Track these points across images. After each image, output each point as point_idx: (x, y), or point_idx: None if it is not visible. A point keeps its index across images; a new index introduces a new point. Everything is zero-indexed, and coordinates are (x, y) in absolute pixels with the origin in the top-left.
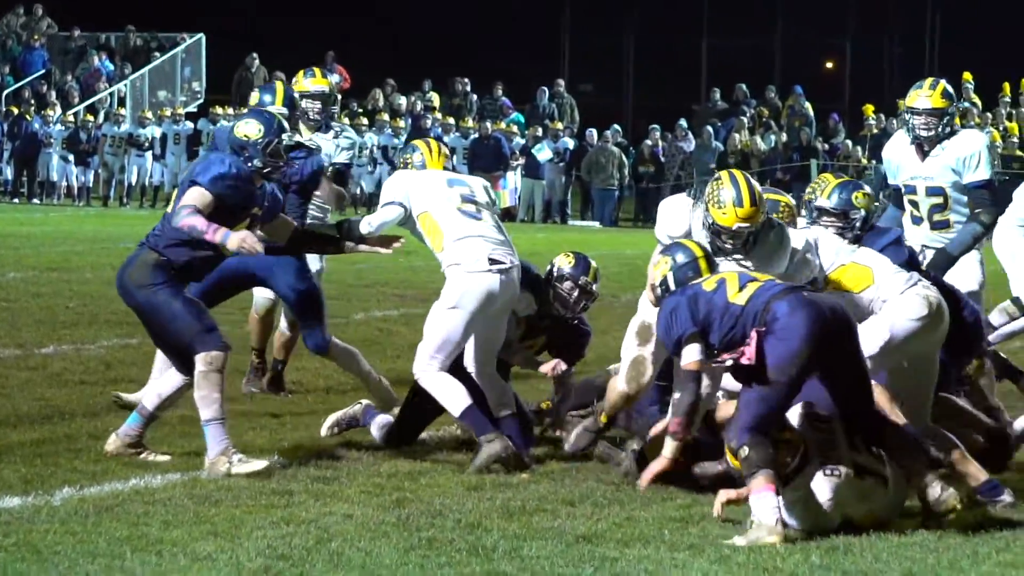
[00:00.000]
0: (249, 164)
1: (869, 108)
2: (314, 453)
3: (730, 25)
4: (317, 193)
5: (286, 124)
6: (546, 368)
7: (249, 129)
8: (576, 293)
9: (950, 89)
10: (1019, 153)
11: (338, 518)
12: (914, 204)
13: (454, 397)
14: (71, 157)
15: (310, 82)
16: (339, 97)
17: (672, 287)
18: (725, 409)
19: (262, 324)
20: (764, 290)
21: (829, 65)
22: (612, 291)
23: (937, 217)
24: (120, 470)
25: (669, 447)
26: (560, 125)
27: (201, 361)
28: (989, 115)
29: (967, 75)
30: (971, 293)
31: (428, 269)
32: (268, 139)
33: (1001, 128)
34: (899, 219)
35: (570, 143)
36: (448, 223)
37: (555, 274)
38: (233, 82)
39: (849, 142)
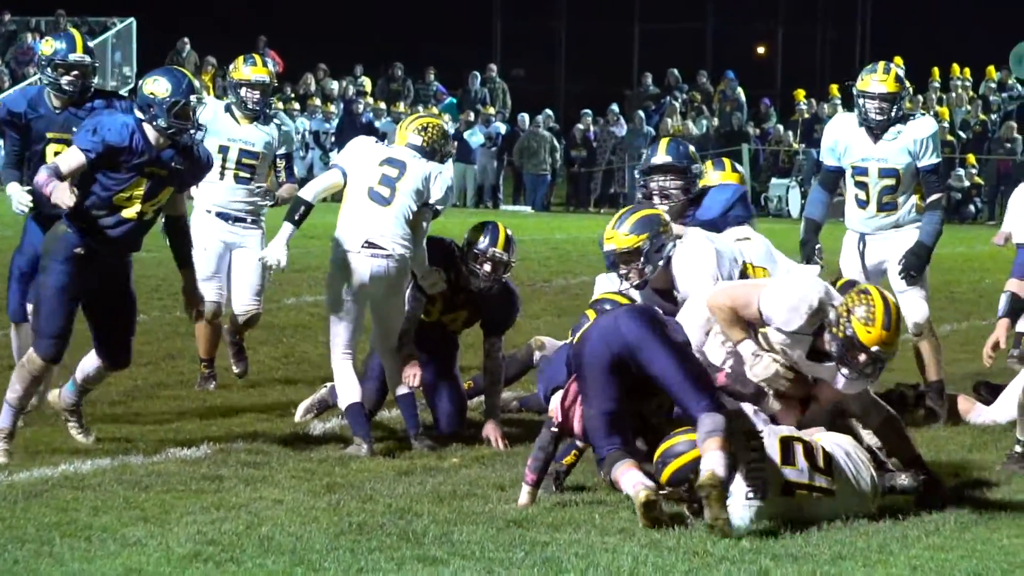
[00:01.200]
0: (154, 123)
1: (800, 93)
2: (245, 439)
3: (662, 10)
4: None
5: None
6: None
7: (157, 87)
8: (488, 265)
9: (902, 73)
10: (949, 138)
11: (268, 503)
12: (862, 186)
13: (345, 390)
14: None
15: (250, 70)
16: (276, 85)
17: None
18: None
19: (209, 329)
20: None
21: (761, 50)
22: (543, 276)
23: (886, 199)
24: (49, 456)
25: None
26: (492, 110)
27: (28, 356)
28: (920, 99)
29: (898, 60)
30: (916, 288)
31: None
32: (175, 99)
33: (932, 113)
34: (825, 203)
35: (502, 128)
36: (350, 200)
37: (466, 248)
38: (166, 57)
39: (781, 127)
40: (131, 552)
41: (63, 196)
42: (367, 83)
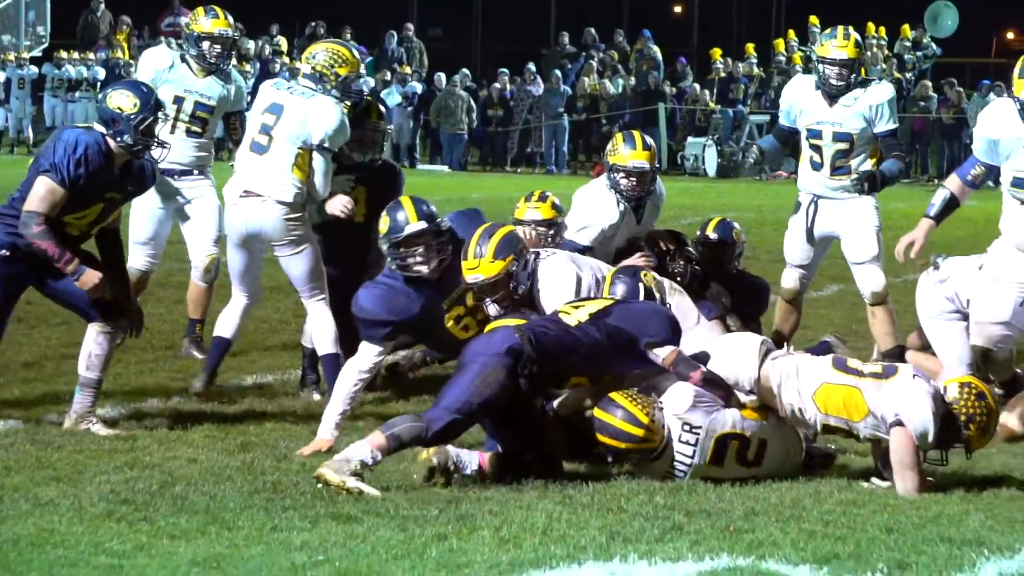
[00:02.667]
0: (118, 139)
1: (717, 52)
2: (158, 398)
3: None
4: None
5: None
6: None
7: (124, 102)
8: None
9: (859, 39)
10: None
11: (182, 462)
12: (816, 149)
13: (222, 326)
14: None
15: (212, 23)
16: (236, 39)
17: None
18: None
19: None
20: None
21: (677, 9)
22: None
23: (840, 162)
24: None
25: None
26: (408, 69)
27: None
28: None
29: (813, 19)
30: (871, 259)
31: None
32: (143, 115)
33: None
34: (777, 148)
35: (418, 87)
36: (238, 155)
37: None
38: (78, 26)
39: (697, 86)
40: (43, 512)
41: (96, 287)
42: (283, 42)
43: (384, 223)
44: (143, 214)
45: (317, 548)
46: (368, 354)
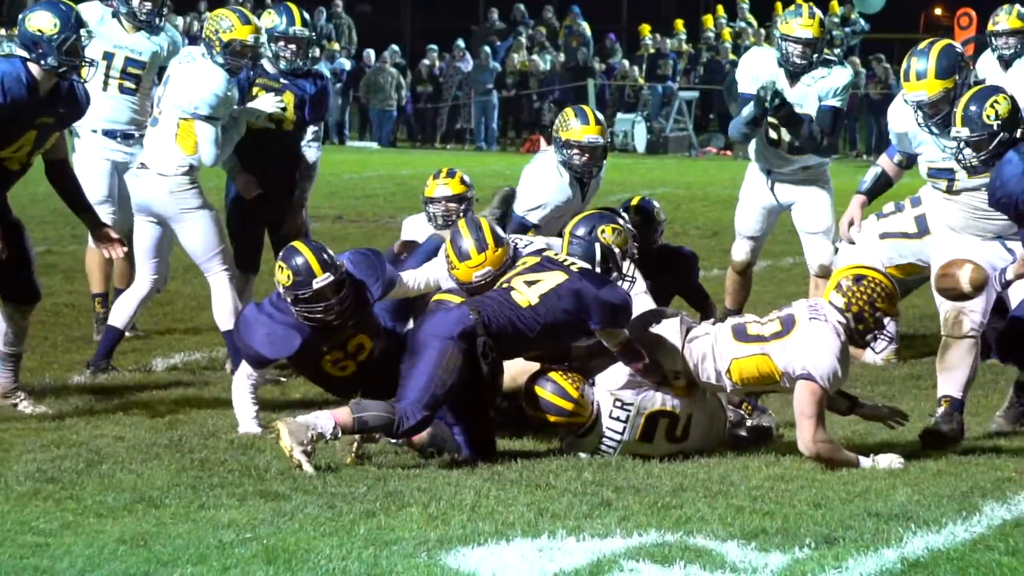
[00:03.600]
0: (41, 63)
1: (646, 28)
2: (86, 375)
3: None
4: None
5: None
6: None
7: (43, 23)
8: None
9: (823, 18)
10: None
11: (109, 440)
12: (775, 127)
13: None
14: None
15: None
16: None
17: None
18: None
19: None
20: None
21: None
22: (389, 212)
23: (797, 142)
24: None
25: None
26: (337, 46)
27: None
28: (763, 32)
29: (779, 6)
30: (824, 231)
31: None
32: (65, 35)
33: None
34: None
35: (347, 64)
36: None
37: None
38: (4, 4)
39: (626, 62)
40: None
41: None
42: None
43: (286, 274)
44: (89, 174)
45: (245, 526)
46: (251, 372)
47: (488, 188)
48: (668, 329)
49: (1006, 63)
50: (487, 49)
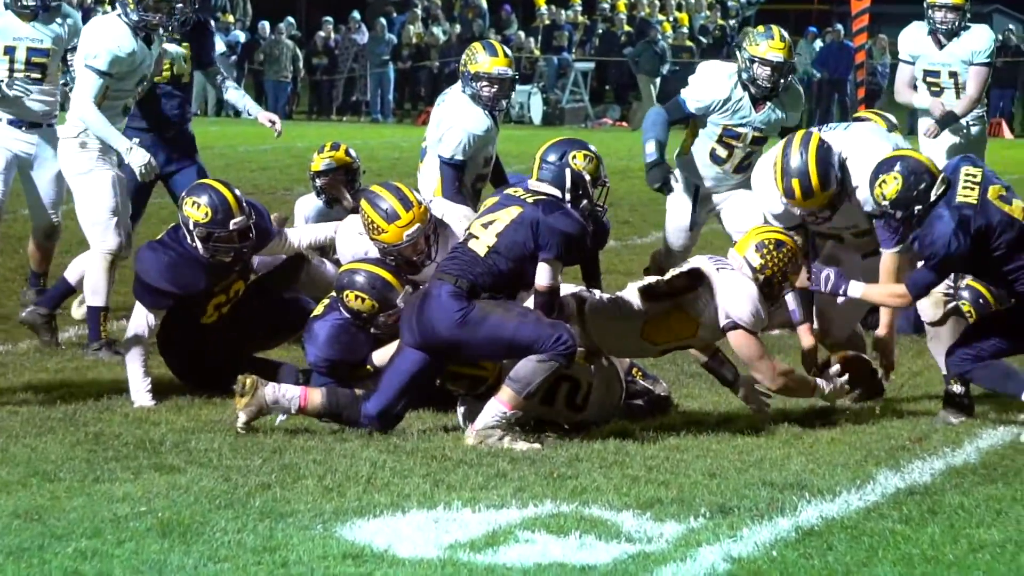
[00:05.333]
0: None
1: (541, 0)
2: None
3: None
4: None
5: None
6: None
7: None
8: None
9: (791, 41)
10: (688, 43)
11: (3, 414)
12: (728, 147)
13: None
14: None
15: None
16: None
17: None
18: None
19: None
20: None
21: None
22: (284, 184)
23: (747, 162)
24: None
25: None
26: (232, 18)
27: None
28: (658, 3)
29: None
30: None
31: None
32: None
33: (672, 19)
34: (666, 128)
35: (242, 36)
36: None
37: None
38: None
39: (522, 33)
40: None
41: None
42: None
43: (203, 211)
44: None
45: (140, 499)
46: (147, 322)
47: (384, 160)
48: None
49: (939, 40)
50: (383, 21)
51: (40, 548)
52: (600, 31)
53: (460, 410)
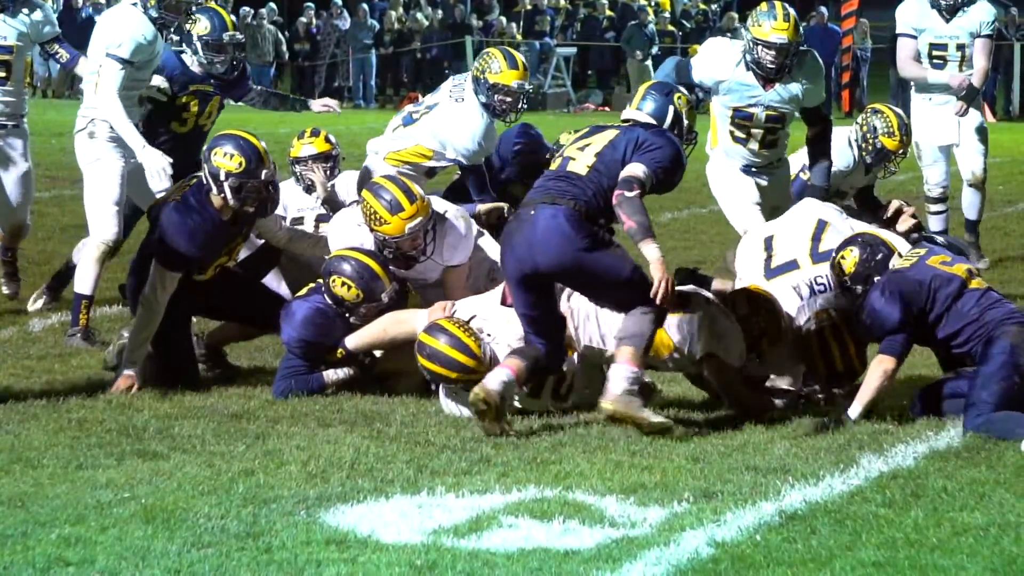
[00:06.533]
0: None
1: None
2: None
3: None
4: None
5: None
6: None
7: None
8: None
9: (798, 19)
10: (671, 28)
11: None
12: (743, 127)
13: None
14: None
15: None
16: None
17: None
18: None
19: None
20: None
21: None
22: None
23: (770, 138)
24: None
25: None
26: (213, 3)
27: None
28: None
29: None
30: None
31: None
32: None
33: (653, 3)
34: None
35: None
36: None
37: None
38: None
39: (503, 19)
40: None
41: None
42: None
43: (237, 160)
44: None
45: (123, 485)
46: (169, 285)
47: (366, 146)
48: None
49: (944, 14)
50: (364, 6)
51: (24, 535)
52: (582, 16)
53: (442, 395)
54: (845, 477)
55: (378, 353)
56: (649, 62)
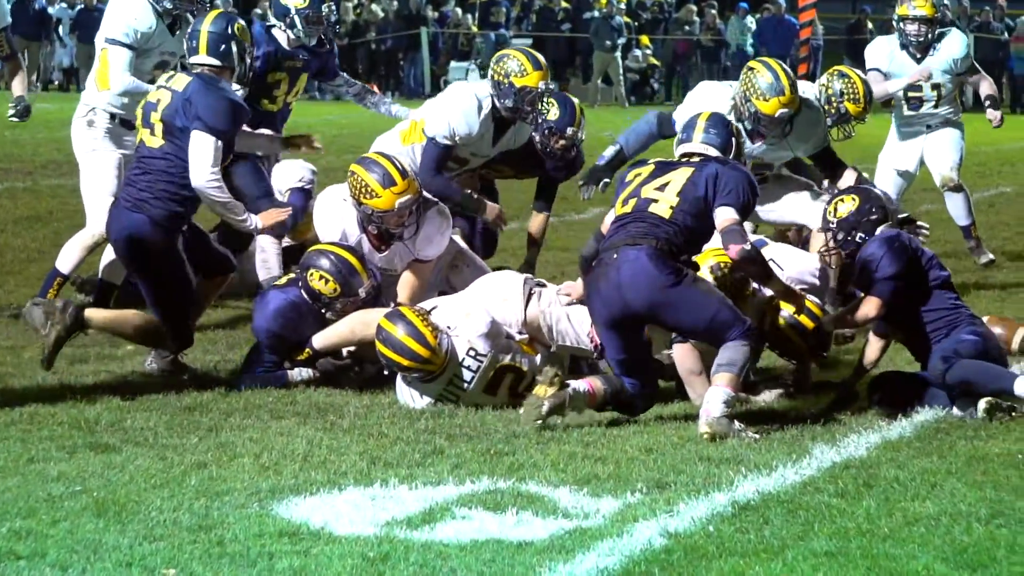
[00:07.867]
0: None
1: None
2: None
3: None
4: None
5: None
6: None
7: None
8: None
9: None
10: (627, 19)
11: None
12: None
13: None
14: None
15: None
16: None
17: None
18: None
19: None
20: None
21: None
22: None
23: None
24: None
25: None
26: None
27: None
28: None
29: None
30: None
31: (33, 143)
32: None
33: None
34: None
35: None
36: None
37: None
38: None
39: (459, 10)
40: None
41: None
42: None
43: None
44: None
45: (75, 478)
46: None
47: (324, 137)
48: (509, 284)
49: (914, 55)
50: None
51: None
52: (537, 7)
53: (399, 384)
54: (798, 467)
55: (345, 352)
56: (618, 53)
